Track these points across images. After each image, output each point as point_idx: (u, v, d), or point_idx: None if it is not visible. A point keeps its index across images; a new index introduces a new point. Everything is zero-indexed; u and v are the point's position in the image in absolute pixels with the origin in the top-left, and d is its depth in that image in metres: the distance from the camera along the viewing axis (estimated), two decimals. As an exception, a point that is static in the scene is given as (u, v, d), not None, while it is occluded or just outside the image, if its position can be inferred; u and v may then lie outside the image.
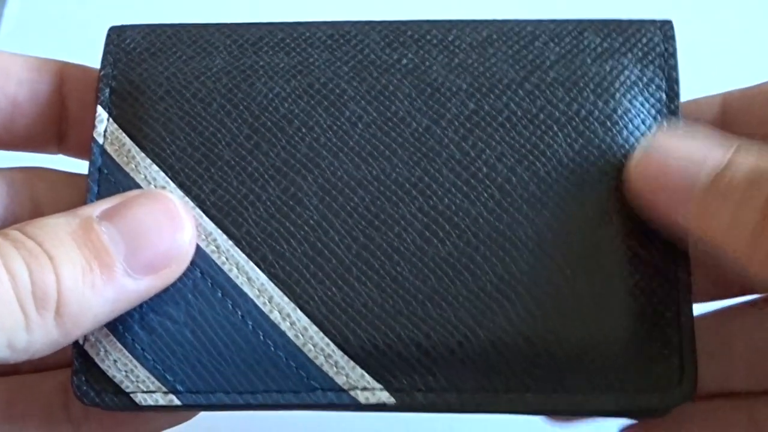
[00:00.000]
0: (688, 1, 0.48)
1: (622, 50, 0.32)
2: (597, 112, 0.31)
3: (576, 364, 0.29)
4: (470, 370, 0.29)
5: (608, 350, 0.29)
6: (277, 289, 0.30)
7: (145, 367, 0.30)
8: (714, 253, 0.28)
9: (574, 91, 0.31)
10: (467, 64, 0.32)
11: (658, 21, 0.32)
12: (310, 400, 0.29)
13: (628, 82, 0.31)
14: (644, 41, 0.32)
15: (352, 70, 0.32)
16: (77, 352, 0.30)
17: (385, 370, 0.29)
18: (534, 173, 0.31)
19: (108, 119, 0.32)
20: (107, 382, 0.30)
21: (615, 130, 0.31)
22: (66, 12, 0.50)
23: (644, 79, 0.31)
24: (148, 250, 0.29)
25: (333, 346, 0.29)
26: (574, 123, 0.31)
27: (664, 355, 0.29)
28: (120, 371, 0.30)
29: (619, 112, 0.31)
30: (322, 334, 0.30)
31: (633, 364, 0.29)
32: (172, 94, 0.32)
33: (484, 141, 0.31)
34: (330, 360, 0.29)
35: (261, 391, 0.29)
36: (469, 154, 0.31)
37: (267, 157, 0.31)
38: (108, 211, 0.29)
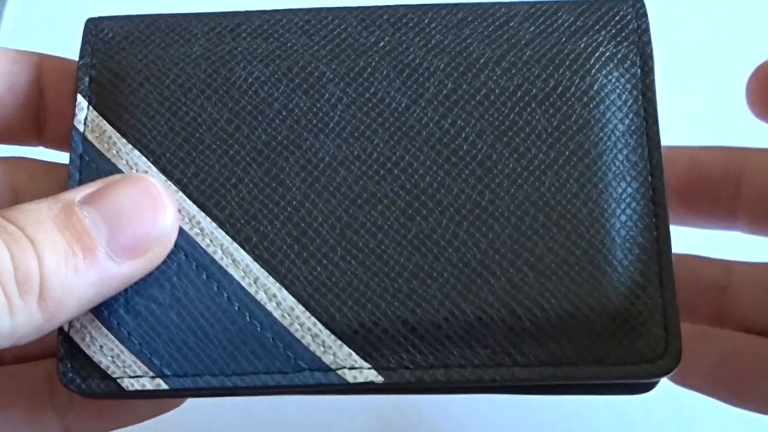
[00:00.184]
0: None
1: (596, 27, 0.32)
2: (573, 88, 0.31)
3: (561, 336, 0.29)
4: (457, 345, 0.29)
5: (593, 322, 0.29)
6: (263, 270, 0.30)
7: (132, 352, 0.30)
8: None
9: (551, 68, 0.32)
10: (444, 44, 0.32)
11: (630, 0, 0.33)
12: (298, 381, 0.29)
13: (603, 58, 0.32)
14: (617, 19, 0.32)
15: (330, 53, 0.32)
16: (62, 338, 0.30)
17: (372, 348, 0.29)
18: (514, 149, 0.31)
19: (88, 107, 0.32)
20: (93, 367, 0.30)
21: (591, 105, 0.31)
22: (66, 12, 0.49)
23: (619, 55, 0.32)
24: (129, 232, 0.29)
25: (320, 326, 0.30)
26: (552, 99, 0.31)
27: (648, 326, 0.30)
28: (106, 356, 0.30)
29: (596, 88, 0.31)
30: (308, 314, 0.30)
31: (617, 336, 0.29)
32: (152, 80, 0.32)
33: (464, 119, 0.31)
34: (317, 339, 0.29)
35: (248, 373, 0.29)
36: (449, 132, 0.31)
37: (248, 139, 0.31)
38: (89, 196, 0.29)
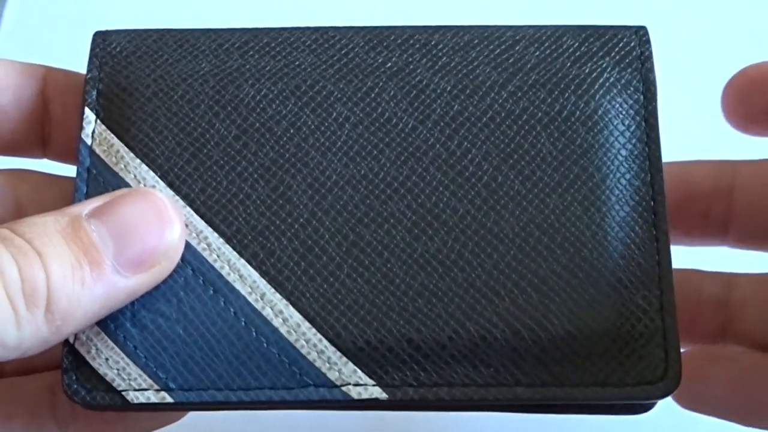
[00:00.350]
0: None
1: (600, 53, 0.33)
2: (578, 113, 0.32)
3: (563, 357, 0.30)
4: (461, 364, 0.30)
5: (594, 344, 0.30)
6: (269, 286, 0.30)
7: (137, 365, 0.30)
8: None
9: (556, 93, 0.32)
10: (450, 66, 0.33)
11: (633, 26, 0.34)
12: (303, 397, 0.30)
13: (607, 84, 0.32)
14: (621, 45, 0.33)
15: (337, 72, 0.32)
16: (67, 351, 0.30)
17: (377, 365, 0.30)
18: (519, 171, 0.31)
19: (96, 120, 0.32)
20: (98, 380, 0.30)
21: (596, 130, 0.32)
22: (66, 12, 0.49)
23: (622, 81, 0.32)
24: (136, 246, 0.29)
25: (325, 342, 0.30)
26: (557, 123, 0.32)
27: (649, 349, 0.30)
28: (111, 369, 0.30)
29: (600, 113, 0.32)
30: (314, 330, 0.30)
31: (618, 358, 0.30)
32: (160, 95, 0.32)
33: (470, 141, 0.32)
34: (322, 356, 0.30)
35: (253, 388, 0.30)
36: (455, 154, 0.31)
37: (256, 156, 0.31)
38: (97, 210, 0.29)
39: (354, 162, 0.31)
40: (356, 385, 0.30)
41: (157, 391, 0.29)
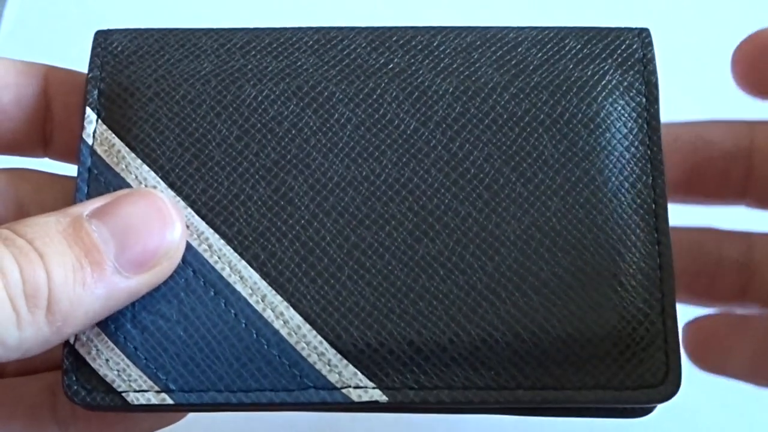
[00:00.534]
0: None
1: (603, 56, 0.33)
2: (580, 115, 0.32)
3: (564, 360, 0.30)
4: (461, 367, 0.30)
5: (595, 347, 0.30)
6: (270, 288, 0.30)
7: (138, 366, 0.30)
8: None
9: (558, 95, 0.32)
10: (453, 68, 0.32)
11: (636, 29, 0.33)
12: (303, 399, 0.29)
13: (609, 86, 0.32)
14: (624, 47, 0.33)
15: (339, 73, 0.32)
16: (68, 352, 0.30)
17: (378, 367, 0.30)
18: (521, 174, 0.31)
19: (97, 120, 0.32)
20: (99, 381, 0.30)
21: (598, 133, 0.32)
22: (66, 12, 0.49)
23: (624, 84, 0.32)
24: (137, 247, 0.29)
25: (326, 344, 0.30)
26: (559, 125, 0.32)
27: (650, 352, 0.30)
28: (112, 370, 0.30)
29: (602, 115, 0.32)
30: (315, 332, 0.30)
31: (619, 362, 0.30)
32: (161, 95, 0.32)
33: (472, 143, 0.32)
34: (323, 358, 0.30)
35: (254, 390, 0.30)
36: (456, 156, 0.31)
37: (257, 157, 0.31)
38: (98, 210, 0.29)
39: (355, 163, 0.31)
40: (356, 387, 0.30)
41: (158, 392, 0.29)
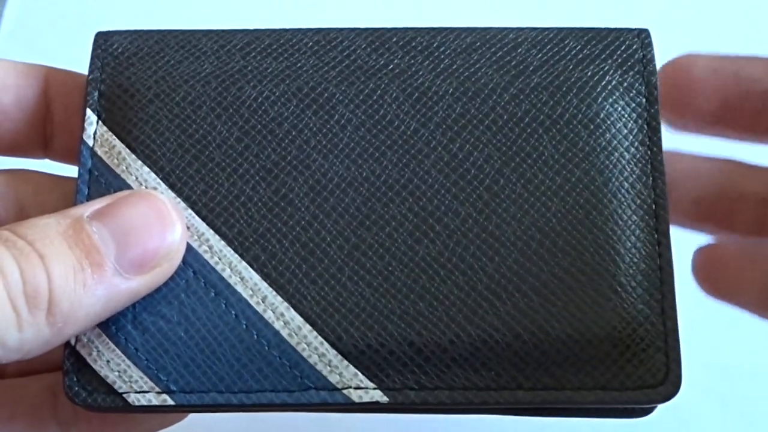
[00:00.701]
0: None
1: (603, 56, 0.33)
2: (580, 116, 0.32)
3: (564, 361, 0.30)
4: (462, 367, 0.30)
5: (596, 348, 0.30)
6: (270, 289, 0.30)
7: (138, 367, 0.30)
8: None
9: (558, 96, 0.32)
10: (453, 69, 0.33)
11: (635, 29, 0.33)
12: (304, 400, 0.30)
13: (609, 87, 0.32)
14: (623, 48, 0.33)
15: (339, 74, 0.32)
16: (69, 353, 0.30)
17: (378, 368, 0.30)
18: (521, 175, 0.31)
19: (97, 122, 0.32)
20: (99, 382, 0.30)
21: (598, 133, 0.32)
22: (66, 12, 0.49)
23: (624, 84, 0.32)
24: (138, 248, 0.29)
25: (326, 345, 0.30)
26: (559, 126, 0.32)
27: (650, 353, 0.30)
28: (113, 371, 0.30)
29: (602, 116, 0.32)
30: (315, 333, 0.30)
31: (619, 362, 0.30)
32: (162, 97, 0.32)
33: (472, 143, 0.32)
34: (323, 359, 0.30)
35: (254, 391, 0.30)
36: (457, 156, 0.31)
37: (257, 158, 0.31)
38: (98, 211, 0.29)
39: (356, 164, 0.31)
40: (357, 388, 0.30)
41: (159, 393, 0.29)
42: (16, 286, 0.27)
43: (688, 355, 0.30)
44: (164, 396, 0.29)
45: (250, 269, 0.30)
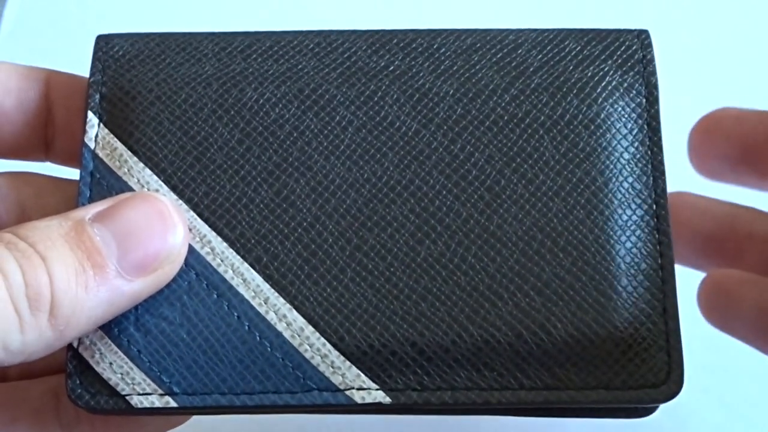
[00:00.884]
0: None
1: (603, 57, 0.33)
2: (581, 116, 0.32)
3: (566, 360, 0.30)
4: (464, 367, 0.30)
5: (597, 347, 0.30)
6: (273, 290, 0.30)
7: (141, 369, 0.30)
8: None
9: (558, 96, 0.32)
10: (453, 70, 0.33)
11: (635, 30, 0.34)
12: (307, 401, 0.30)
13: (609, 88, 0.32)
14: (623, 48, 0.33)
15: (340, 76, 0.33)
16: (71, 355, 0.30)
17: (381, 369, 0.30)
18: (522, 175, 0.31)
19: (99, 124, 0.32)
20: (102, 384, 0.30)
21: (598, 134, 0.32)
22: (66, 12, 0.49)
23: (624, 85, 0.32)
24: (139, 251, 0.29)
25: (329, 346, 0.30)
26: (559, 126, 0.32)
27: (651, 352, 0.30)
28: (115, 373, 0.30)
29: (602, 116, 0.32)
30: (318, 335, 0.30)
31: (621, 362, 0.30)
32: (163, 99, 0.32)
33: (473, 144, 0.32)
34: (326, 360, 0.30)
35: (257, 392, 0.30)
36: (458, 157, 0.31)
37: (259, 160, 0.31)
38: (100, 214, 0.29)
39: (357, 165, 0.31)
40: (360, 389, 0.30)
41: (161, 395, 0.29)
42: (18, 288, 0.27)
43: (688, 356, 0.30)
44: (167, 398, 0.29)
45: (252, 271, 0.30)
